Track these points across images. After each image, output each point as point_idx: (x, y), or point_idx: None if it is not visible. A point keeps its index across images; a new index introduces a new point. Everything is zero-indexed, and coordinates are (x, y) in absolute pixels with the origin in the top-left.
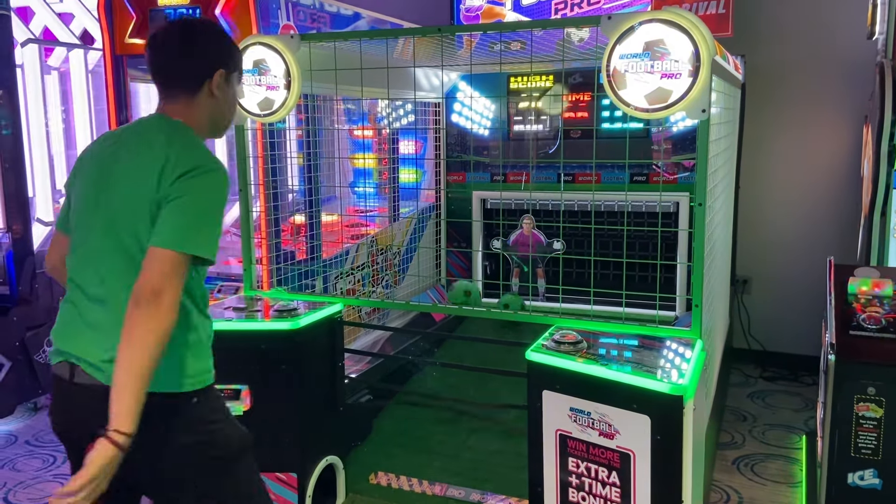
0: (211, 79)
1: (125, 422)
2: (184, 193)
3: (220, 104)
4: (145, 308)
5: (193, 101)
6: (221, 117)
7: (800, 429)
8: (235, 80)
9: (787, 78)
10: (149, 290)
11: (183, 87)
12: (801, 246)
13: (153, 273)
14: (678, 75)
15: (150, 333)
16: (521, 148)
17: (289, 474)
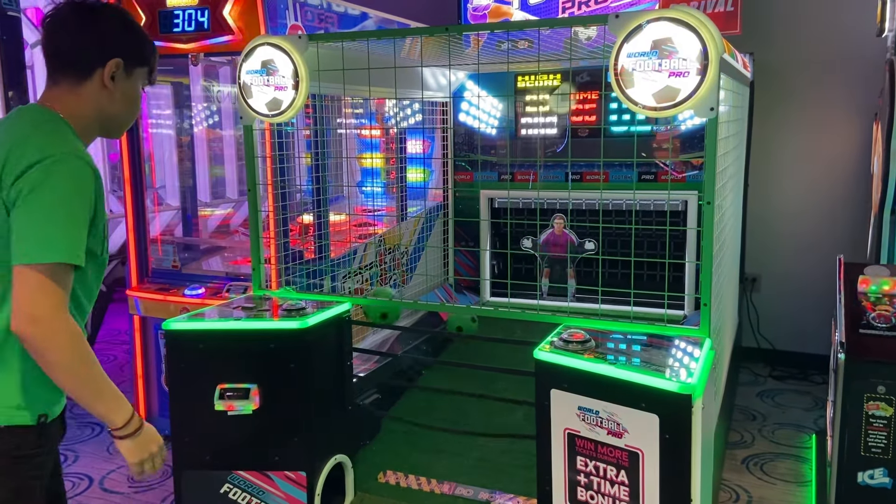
0: (103, 67)
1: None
2: (30, 193)
3: (113, 99)
4: (32, 339)
5: (79, 89)
6: (115, 115)
7: (809, 428)
8: (139, 77)
9: (797, 76)
10: (24, 318)
11: (68, 71)
12: (811, 244)
13: (22, 297)
14: (686, 73)
15: (57, 368)
16: (529, 147)
17: (298, 473)
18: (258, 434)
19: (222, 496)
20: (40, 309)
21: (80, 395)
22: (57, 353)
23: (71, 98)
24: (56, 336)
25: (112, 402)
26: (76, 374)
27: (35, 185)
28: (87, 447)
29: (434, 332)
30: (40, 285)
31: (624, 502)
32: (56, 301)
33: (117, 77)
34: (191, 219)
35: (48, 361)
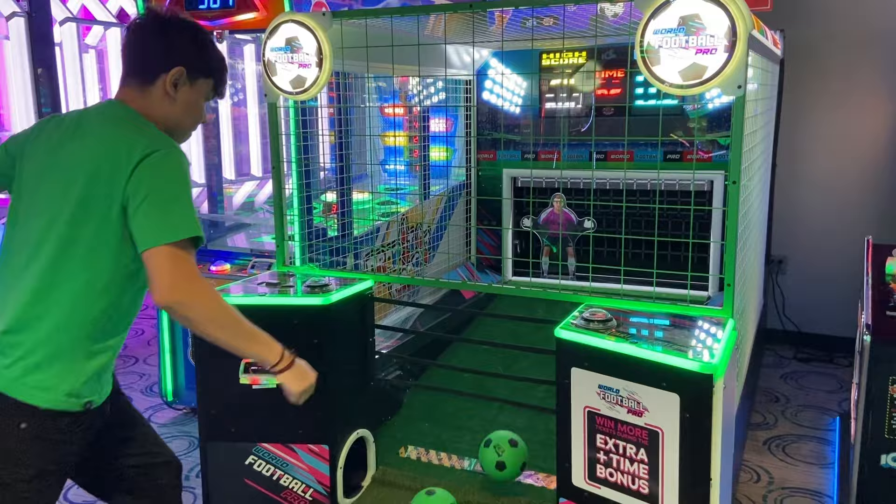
0: (166, 74)
1: (269, 358)
2: (147, 185)
3: (174, 106)
4: (179, 306)
5: (146, 93)
6: (176, 121)
7: (833, 410)
8: (202, 88)
9: (828, 53)
10: (172, 297)
11: (137, 74)
12: (839, 225)
13: (164, 281)
14: (714, 50)
15: (210, 325)
16: (553, 126)
17: (321, 446)
18: (282, 407)
19: (247, 468)
20: (180, 282)
21: (236, 344)
22: (205, 311)
23: (140, 99)
24: (200, 296)
25: (264, 344)
26: (227, 326)
27: (153, 174)
28: None
29: (456, 310)
30: (177, 262)
31: (643, 480)
32: (190, 273)
33: (180, 84)
34: (216, 196)
35: (199, 320)
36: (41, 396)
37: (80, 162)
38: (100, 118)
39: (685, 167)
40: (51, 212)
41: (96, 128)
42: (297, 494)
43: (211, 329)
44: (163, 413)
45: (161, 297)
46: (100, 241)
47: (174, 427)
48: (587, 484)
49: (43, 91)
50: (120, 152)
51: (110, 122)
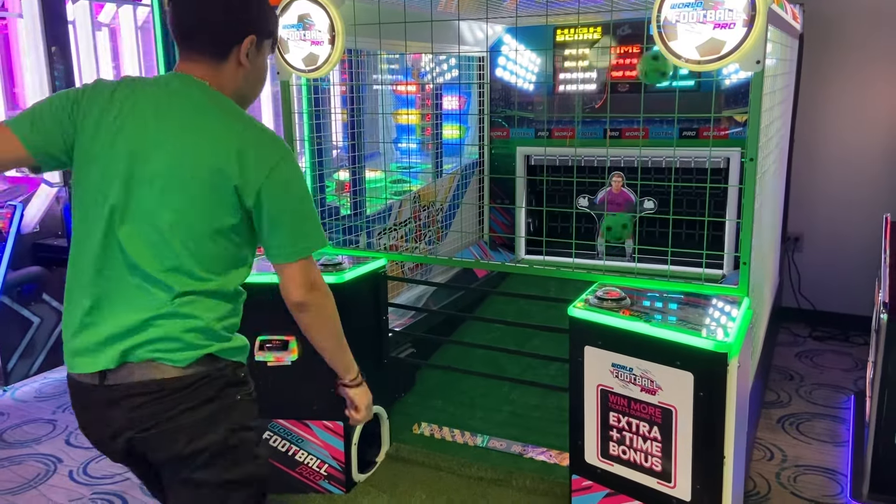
0: (240, 44)
1: (353, 369)
2: (280, 194)
3: (248, 76)
4: (315, 309)
5: (219, 69)
6: (249, 91)
7: (848, 389)
8: (266, 49)
9: (848, 28)
10: (307, 296)
11: (208, 52)
12: (856, 202)
13: (300, 284)
14: (732, 25)
15: (332, 321)
16: (567, 103)
17: (335, 422)
18: (297, 384)
19: (263, 443)
20: (306, 294)
21: (335, 348)
22: (330, 312)
23: (213, 76)
24: (329, 298)
25: (351, 358)
26: (337, 332)
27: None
28: None
29: (468, 288)
30: (305, 275)
31: (656, 458)
32: (316, 280)
33: (251, 54)
34: None
35: (322, 319)
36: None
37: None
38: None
39: (701, 144)
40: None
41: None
42: (312, 469)
43: (326, 328)
44: None
45: (299, 294)
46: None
47: None
48: (600, 461)
49: (57, 69)
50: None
51: (205, 113)
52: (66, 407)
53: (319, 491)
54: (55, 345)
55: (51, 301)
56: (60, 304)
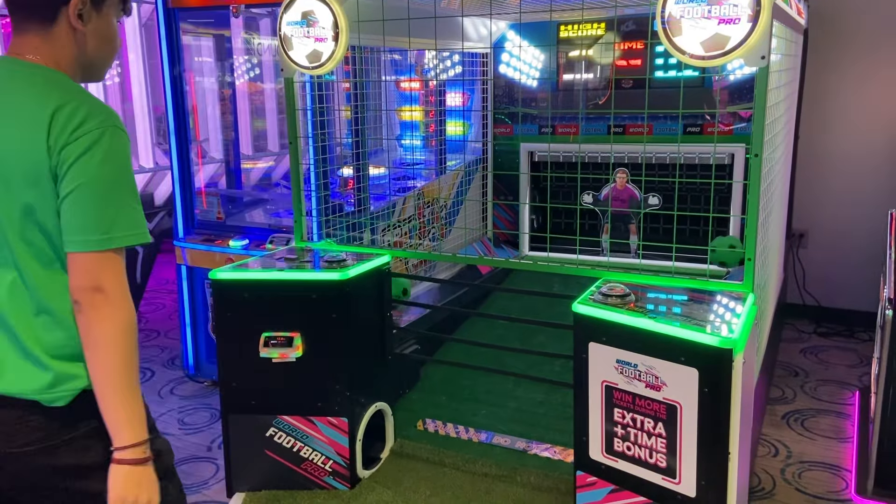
0: (67, 5)
1: (128, 434)
2: (80, 170)
3: (86, 39)
4: (93, 313)
5: (49, 36)
6: (94, 56)
7: (853, 385)
8: (110, 10)
9: (853, 23)
10: (88, 291)
11: (33, 17)
12: (861, 198)
13: (87, 277)
14: (737, 20)
15: (113, 336)
16: (571, 99)
17: (340, 419)
18: (302, 381)
19: (267, 439)
20: (105, 285)
21: (113, 385)
22: (111, 334)
23: (46, 47)
24: (117, 313)
25: (138, 411)
26: (122, 358)
27: (89, 157)
28: None
29: (472, 285)
30: (106, 267)
31: (661, 454)
32: (121, 279)
33: (85, 14)
34: (234, 171)
35: (103, 333)
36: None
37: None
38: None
39: (706, 140)
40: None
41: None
42: (317, 466)
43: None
44: (185, 386)
45: (73, 294)
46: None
47: (196, 400)
48: (604, 457)
49: None
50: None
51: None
52: None
53: (324, 487)
54: None
55: None
56: None
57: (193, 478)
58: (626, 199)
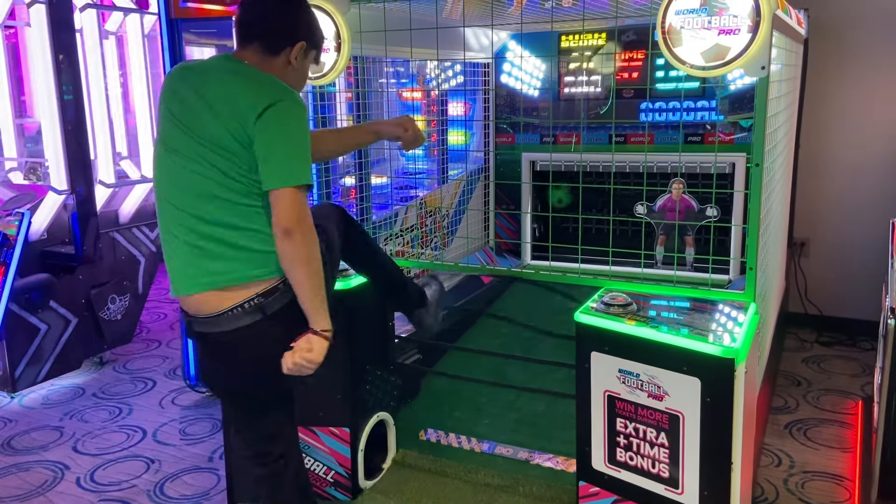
0: (292, 47)
1: (324, 321)
2: (271, 132)
3: (291, 75)
4: (284, 242)
5: (268, 61)
6: (291, 87)
7: (856, 394)
8: (311, 57)
9: (853, 33)
10: (281, 228)
11: (264, 46)
12: (863, 207)
13: (280, 212)
14: (737, 31)
15: (311, 255)
16: (572, 109)
17: (342, 429)
18: (303, 391)
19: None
20: (294, 220)
21: (310, 287)
22: (299, 260)
23: (262, 64)
24: (303, 243)
25: (326, 306)
26: (308, 276)
27: (277, 123)
28: (140, 401)
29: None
30: (294, 202)
31: (663, 464)
32: (305, 214)
33: (299, 57)
34: None
35: (289, 265)
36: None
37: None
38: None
39: (707, 149)
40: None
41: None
42: (319, 476)
43: (303, 263)
44: (186, 396)
45: (275, 227)
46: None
47: (197, 410)
48: (607, 467)
49: (64, 77)
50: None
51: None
52: (73, 413)
53: (326, 497)
54: (62, 352)
55: (58, 308)
56: (68, 312)
57: (195, 488)
58: (682, 211)
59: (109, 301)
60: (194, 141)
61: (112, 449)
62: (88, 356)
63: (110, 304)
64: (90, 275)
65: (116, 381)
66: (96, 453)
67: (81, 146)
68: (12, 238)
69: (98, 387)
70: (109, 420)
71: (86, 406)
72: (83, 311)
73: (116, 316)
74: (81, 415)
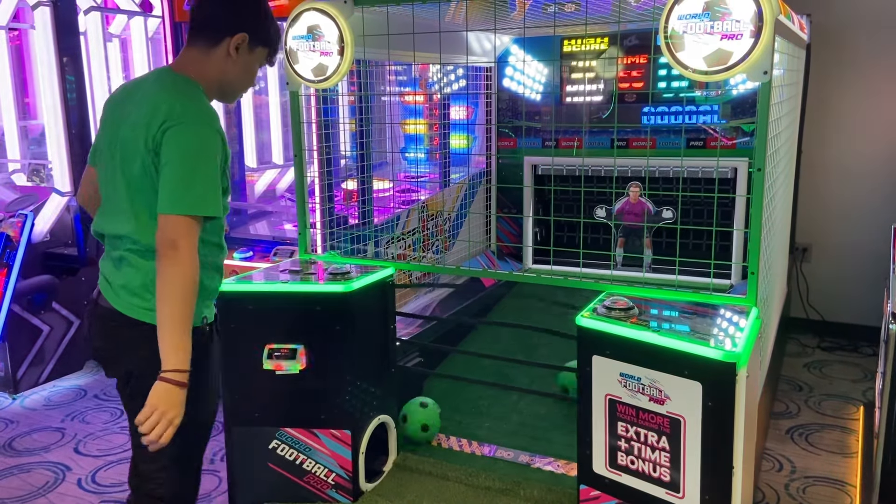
0: (232, 37)
1: (173, 360)
2: (172, 151)
3: (234, 68)
4: (165, 261)
5: (209, 55)
6: (232, 83)
7: (857, 400)
8: (259, 55)
9: (855, 38)
10: (165, 245)
11: (204, 36)
12: (865, 213)
13: (165, 233)
14: (739, 36)
15: (175, 283)
16: (574, 113)
17: (343, 431)
18: (305, 393)
19: (270, 452)
20: (180, 243)
21: (166, 324)
22: (177, 282)
23: (201, 60)
24: (184, 266)
25: (184, 345)
26: (179, 303)
27: (178, 143)
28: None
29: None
30: (182, 229)
31: (664, 468)
32: (193, 241)
33: (241, 49)
34: (238, 184)
35: (163, 285)
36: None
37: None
38: (148, 87)
39: (709, 154)
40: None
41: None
42: (320, 478)
43: (171, 289)
44: None
45: (157, 245)
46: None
47: None
48: (608, 471)
49: (69, 80)
50: (149, 114)
51: (155, 88)
52: (74, 415)
53: (327, 500)
54: (64, 353)
55: (60, 310)
56: (70, 313)
57: None
58: (639, 213)
59: None
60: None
61: (113, 450)
62: (90, 358)
63: None
64: (93, 276)
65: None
66: (98, 455)
67: (85, 148)
68: (15, 239)
69: (100, 388)
70: (111, 421)
71: (87, 407)
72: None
73: None
74: (83, 416)
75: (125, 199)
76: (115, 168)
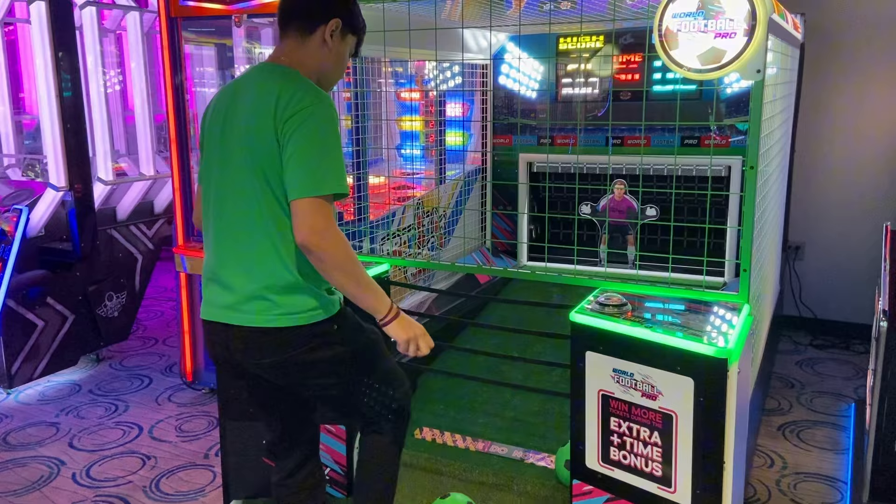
0: (326, 24)
1: (382, 309)
2: (299, 137)
3: (329, 56)
4: (317, 254)
5: (304, 44)
6: (329, 71)
7: (849, 397)
8: (350, 42)
9: (849, 38)
10: (309, 240)
11: (298, 26)
12: (857, 211)
13: (304, 224)
14: (733, 34)
15: (335, 270)
16: (569, 110)
17: (338, 427)
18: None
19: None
20: (321, 229)
21: (353, 290)
22: (336, 269)
23: (298, 50)
24: (335, 250)
25: (378, 295)
26: (350, 273)
27: (305, 128)
28: (136, 398)
29: (470, 295)
30: (319, 212)
31: (657, 463)
32: (331, 222)
33: (335, 36)
34: None
35: (328, 263)
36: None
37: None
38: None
39: (703, 152)
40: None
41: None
42: None
43: (335, 271)
44: (183, 393)
45: (300, 242)
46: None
47: (194, 407)
48: (600, 466)
49: (64, 75)
50: (273, 102)
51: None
52: (69, 410)
53: None
54: (59, 348)
55: (55, 304)
56: (65, 308)
57: (190, 485)
58: (623, 210)
59: (106, 298)
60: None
61: (108, 445)
62: (85, 353)
63: (107, 300)
64: (87, 272)
65: (113, 377)
66: (92, 449)
67: (80, 143)
68: (10, 234)
69: (94, 383)
70: (106, 416)
71: (82, 402)
72: (80, 307)
73: (113, 313)
74: (78, 411)
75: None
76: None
